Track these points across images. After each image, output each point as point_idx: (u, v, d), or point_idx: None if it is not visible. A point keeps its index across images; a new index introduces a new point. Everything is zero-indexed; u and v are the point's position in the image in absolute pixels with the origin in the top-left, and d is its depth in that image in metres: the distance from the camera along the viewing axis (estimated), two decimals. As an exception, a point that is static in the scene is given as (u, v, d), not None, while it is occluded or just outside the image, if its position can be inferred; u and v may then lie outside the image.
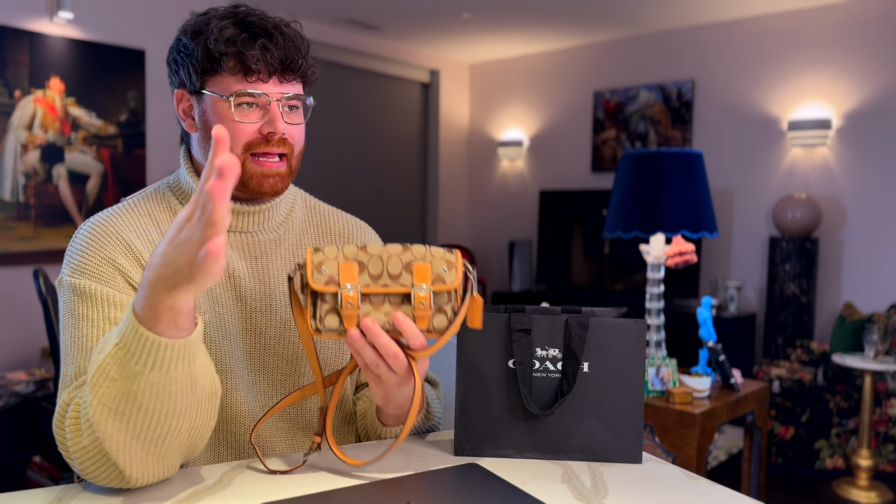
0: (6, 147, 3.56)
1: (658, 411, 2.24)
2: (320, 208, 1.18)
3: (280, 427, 1.05)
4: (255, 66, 0.96)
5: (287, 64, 0.98)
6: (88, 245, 0.97)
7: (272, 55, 0.97)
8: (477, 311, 0.90)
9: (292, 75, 1.00)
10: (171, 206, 1.05)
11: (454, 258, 0.89)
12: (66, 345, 0.92)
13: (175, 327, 0.76)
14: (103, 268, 0.95)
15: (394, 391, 0.93)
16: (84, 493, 0.84)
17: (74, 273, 0.95)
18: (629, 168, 2.50)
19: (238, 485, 0.87)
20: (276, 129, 0.99)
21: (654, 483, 0.91)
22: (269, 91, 0.98)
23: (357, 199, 5.49)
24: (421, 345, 0.87)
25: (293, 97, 1.01)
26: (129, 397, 0.77)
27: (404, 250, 0.88)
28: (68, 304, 0.94)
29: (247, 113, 0.98)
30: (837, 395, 3.38)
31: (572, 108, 5.48)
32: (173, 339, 0.76)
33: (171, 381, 0.77)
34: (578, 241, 5.17)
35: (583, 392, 0.98)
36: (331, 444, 0.93)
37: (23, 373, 3.40)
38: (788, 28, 4.39)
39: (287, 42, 0.98)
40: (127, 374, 0.76)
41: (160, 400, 0.78)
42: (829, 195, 4.26)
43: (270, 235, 1.08)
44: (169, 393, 0.78)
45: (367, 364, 0.88)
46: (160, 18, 4.13)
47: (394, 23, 4.95)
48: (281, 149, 1.00)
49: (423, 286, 0.87)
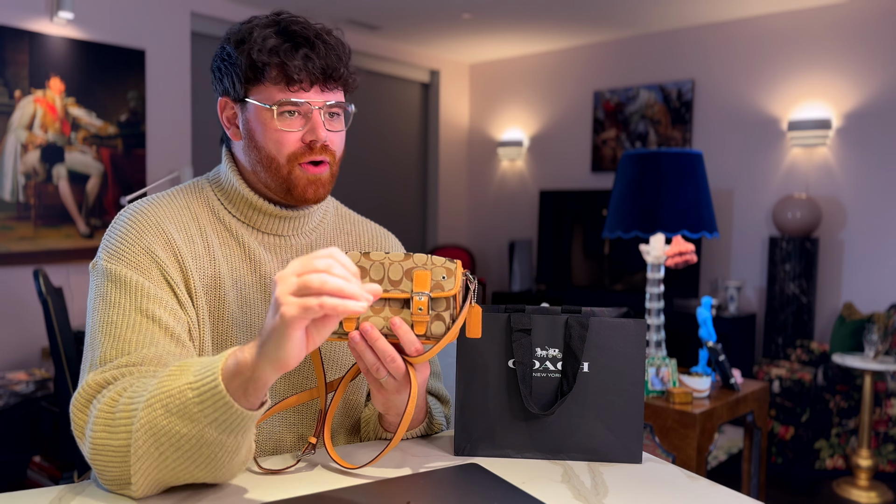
0: (6, 147, 3.56)
1: (658, 411, 2.24)
2: (350, 217, 1.20)
3: (290, 423, 1.05)
4: (298, 75, 0.97)
5: (328, 73, 0.99)
6: (128, 231, 0.97)
7: (314, 64, 0.97)
8: (476, 321, 0.91)
9: (334, 83, 1.01)
10: (209, 202, 1.06)
11: (454, 266, 0.90)
12: (94, 329, 0.92)
13: (243, 394, 0.77)
14: (141, 257, 0.96)
15: (393, 397, 0.94)
16: (84, 493, 0.84)
17: (111, 258, 0.95)
18: (629, 168, 2.50)
19: (238, 485, 0.87)
20: (318, 137, 1.00)
21: (654, 483, 0.91)
22: (311, 99, 0.99)
23: (357, 199, 5.49)
24: (416, 350, 0.89)
25: (335, 105, 1.02)
26: (173, 436, 0.77)
27: (406, 258, 0.90)
28: (101, 288, 0.94)
29: (289, 122, 0.99)
30: (837, 395, 3.38)
31: (572, 108, 5.48)
32: (243, 408, 0.77)
33: (219, 442, 0.78)
34: (578, 241, 5.17)
35: (583, 392, 0.98)
36: (327, 447, 0.93)
37: (23, 373, 3.40)
38: (788, 28, 4.39)
39: (329, 50, 0.99)
40: (185, 415, 0.77)
41: (200, 453, 0.78)
42: (829, 195, 4.26)
43: (303, 240, 1.09)
44: (210, 451, 0.78)
45: (367, 368, 0.89)
46: (160, 18, 4.13)
47: (394, 23, 4.95)
48: (323, 156, 1.01)
49: (421, 293, 0.88)
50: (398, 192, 5.90)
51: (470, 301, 0.91)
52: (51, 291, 2.48)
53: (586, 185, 5.38)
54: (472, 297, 0.91)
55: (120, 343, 0.90)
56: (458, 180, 6.20)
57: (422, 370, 0.93)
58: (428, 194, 6.09)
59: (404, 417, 0.90)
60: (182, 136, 4.26)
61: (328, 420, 0.96)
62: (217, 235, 1.04)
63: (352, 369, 0.99)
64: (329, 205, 1.17)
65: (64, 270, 3.79)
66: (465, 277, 0.91)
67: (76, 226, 3.83)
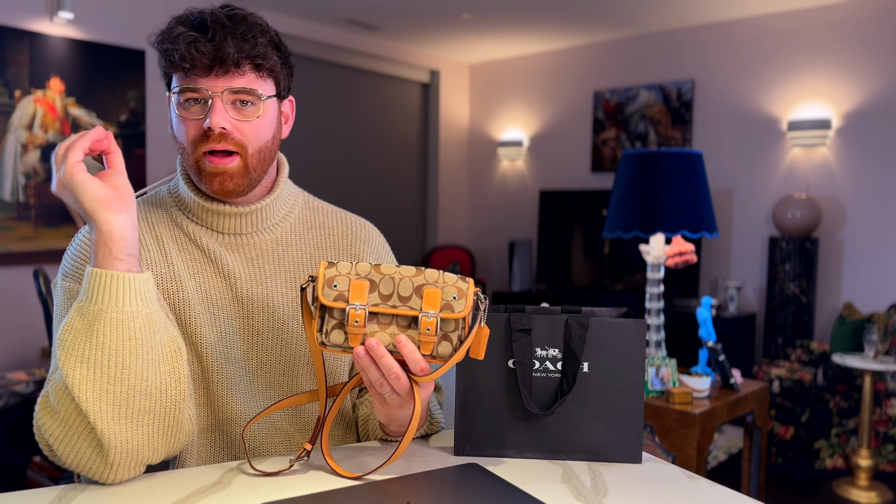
0: (6, 147, 3.56)
1: (658, 411, 2.24)
2: (322, 209, 1.17)
3: (279, 428, 1.05)
4: (187, 61, 0.94)
5: (221, 57, 0.94)
6: (81, 250, 0.99)
7: (203, 48, 0.94)
8: (482, 342, 0.89)
9: (235, 68, 0.96)
10: (168, 210, 1.06)
11: (466, 287, 0.87)
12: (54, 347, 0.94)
13: (111, 256, 0.84)
14: None
15: (396, 411, 0.93)
16: (84, 493, 0.84)
17: (66, 277, 0.98)
18: (629, 168, 2.50)
19: (237, 485, 0.87)
20: (212, 124, 0.95)
21: (654, 483, 0.91)
22: (210, 85, 0.95)
23: (357, 199, 5.49)
24: (421, 369, 0.87)
25: (240, 91, 0.97)
26: (90, 339, 0.82)
27: (417, 273, 0.87)
28: (59, 307, 0.97)
29: (191, 109, 0.97)
30: (837, 395, 3.37)
31: (572, 108, 5.48)
32: (121, 271, 0.84)
33: (128, 316, 0.84)
34: (578, 241, 5.17)
35: (583, 392, 0.98)
36: (326, 457, 0.92)
37: (23, 373, 3.40)
38: (788, 28, 4.39)
39: (227, 34, 0.95)
40: (88, 319, 0.83)
41: (120, 337, 0.83)
42: (829, 195, 4.26)
43: (267, 236, 1.07)
44: (127, 329, 0.83)
45: (371, 382, 0.88)
46: (160, 18, 4.11)
47: (394, 23, 4.95)
48: (224, 145, 0.97)
49: (430, 312, 0.86)
50: (398, 192, 5.90)
51: (479, 322, 0.88)
52: (50, 291, 2.48)
53: (586, 185, 5.38)
54: (481, 318, 0.89)
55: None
56: (458, 180, 6.20)
57: (426, 387, 0.92)
58: (428, 194, 6.09)
59: (408, 432, 0.89)
60: (182, 136, 4.26)
61: (326, 428, 0.95)
62: (175, 242, 1.04)
63: (353, 380, 0.98)
64: (298, 198, 1.14)
65: (64, 270, 3.79)
66: (476, 298, 0.89)
67: (76, 226, 3.82)
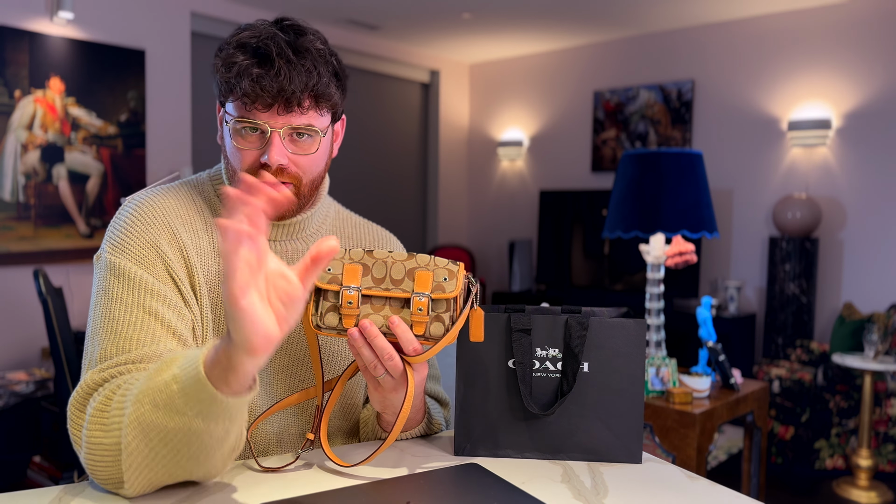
0: (6, 147, 3.56)
1: (658, 411, 2.24)
2: (352, 220, 1.19)
3: (290, 423, 1.05)
4: (249, 98, 0.93)
5: (286, 96, 0.93)
6: (133, 224, 0.95)
7: (269, 86, 0.92)
8: (478, 324, 0.92)
9: (297, 106, 0.94)
10: (211, 198, 1.05)
11: (456, 269, 0.90)
12: (96, 324, 0.91)
13: (225, 382, 0.74)
14: (146, 251, 0.94)
15: (391, 395, 0.94)
16: (84, 493, 0.84)
17: (115, 251, 0.93)
18: (629, 168, 2.50)
19: (238, 484, 0.87)
20: (270, 161, 0.94)
21: (654, 483, 0.91)
22: (269, 121, 0.94)
23: (357, 199, 5.49)
24: (414, 349, 0.89)
25: (300, 127, 0.96)
26: (161, 430, 0.77)
27: (409, 257, 0.91)
28: (103, 283, 0.92)
29: (249, 138, 0.96)
30: (837, 395, 3.37)
31: (572, 108, 5.48)
32: (227, 396, 0.74)
33: (208, 432, 0.77)
34: (578, 241, 5.17)
35: (583, 392, 0.98)
36: (323, 445, 0.93)
37: (23, 373, 3.40)
38: (788, 28, 4.39)
39: (293, 71, 0.92)
40: (171, 408, 0.75)
41: (189, 445, 0.77)
42: (829, 195, 4.26)
43: (299, 245, 1.08)
44: (200, 442, 0.77)
45: (364, 365, 0.89)
46: (160, 18, 4.13)
47: (394, 23, 4.95)
48: (282, 178, 0.97)
49: (422, 293, 0.89)
50: (398, 192, 5.89)
51: (471, 304, 0.91)
52: (51, 291, 2.48)
53: (586, 185, 5.38)
54: (473, 301, 0.91)
55: (121, 340, 0.89)
56: (458, 180, 6.20)
57: (420, 370, 0.93)
58: (428, 194, 6.09)
59: (400, 415, 0.90)
60: (182, 136, 4.26)
61: (325, 417, 0.96)
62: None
63: (350, 367, 0.98)
64: (330, 208, 1.16)
65: (64, 270, 3.79)
66: (467, 280, 0.91)
67: (76, 226, 3.82)
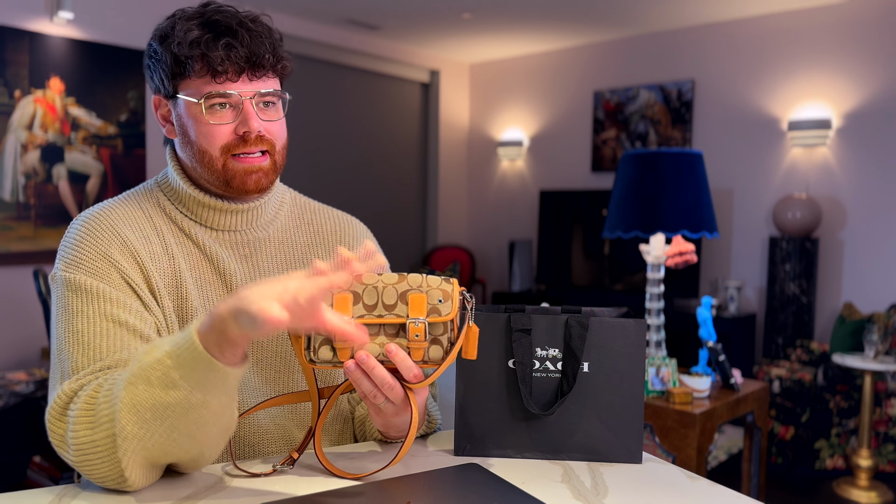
0: (6, 147, 3.56)
1: (658, 411, 2.24)
2: (310, 206, 1.18)
3: (277, 423, 1.05)
4: (221, 66, 0.95)
5: (254, 61, 0.96)
6: (83, 239, 0.96)
7: (237, 53, 0.95)
8: (473, 342, 0.88)
9: (262, 71, 0.98)
10: (160, 203, 1.05)
11: (450, 288, 0.87)
12: (61, 340, 0.91)
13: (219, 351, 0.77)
14: (98, 263, 0.94)
15: (393, 419, 0.93)
16: (84, 493, 0.84)
17: (68, 267, 0.94)
18: (629, 168, 2.50)
19: (237, 485, 0.87)
20: (251, 129, 0.97)
21: (654, 483, 0.91)
22: (240, 90, 0.97)
23: (357, 199, 5.49)
24: (415, 376, 0.86)
25: (268, 93, 0.99)
26: (158, 407, 0.77)
27: (400, 280, 0.87)
28: (62, 300, 0.93)
29: (220, 114, 0.97)
30: (837, 395, 3.37)
31: (572, 108, 5.48)
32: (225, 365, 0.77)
33: (205, 405, 0.78)
34: (578, 241, 5.17)
35: (583, 392, 0.98)
36: (322, 462, 0.92)
37: (23, 373, 3.40)
38: (788, 28, 4.39)
39: (253, 38, 0.96)
40: (167, 383, 0.77)
41: (186, 419, 0.78)
42: (829, 195, 4.26)
43: (259, 234, 1.08)
44: (197, 416, 0.78)
45: (364, 394, 0.87)
46: (160, 18, 4.12)
47: (394, 23, 4.95)
48: (260, 146, 0.99)
49: (418, 318, 0.85)
50: (398, 192, 5.89)
51: (467, 322, 0.88)
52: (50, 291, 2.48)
53: (586, 185, 5.38)
54: (469, 318, 0.88)
55: (90, 351, 0.88)
56: (458, 180, 6.20)
57: (419, 392, 0.91)
58: (428, 194, 6.09)
59: (408, 439, 0.88)
60: (182, 136, 4.26)
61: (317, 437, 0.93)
62: (173, 236, 1.03)
63: (345, 384, 0.96)
64: (285, 196, 1.15)
65: (64, 270, 3.78)
66: (462, 298, 0.88)
67: (76, 226, 3.82)
